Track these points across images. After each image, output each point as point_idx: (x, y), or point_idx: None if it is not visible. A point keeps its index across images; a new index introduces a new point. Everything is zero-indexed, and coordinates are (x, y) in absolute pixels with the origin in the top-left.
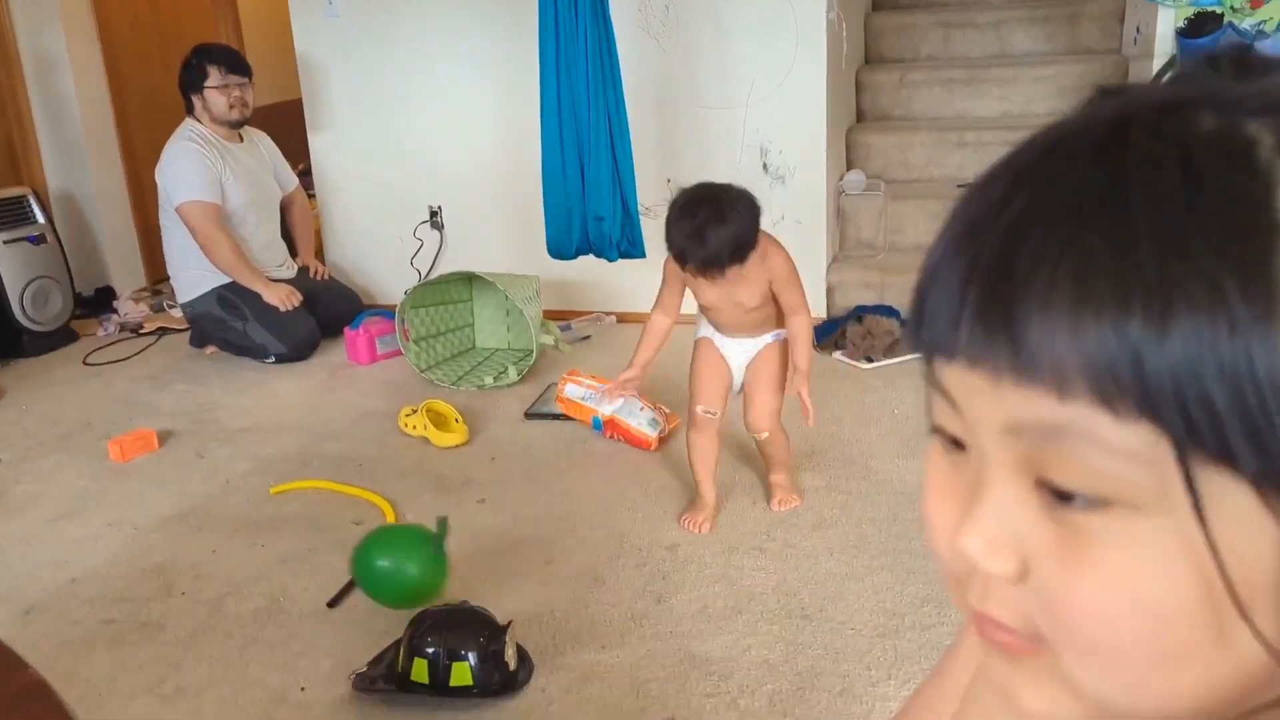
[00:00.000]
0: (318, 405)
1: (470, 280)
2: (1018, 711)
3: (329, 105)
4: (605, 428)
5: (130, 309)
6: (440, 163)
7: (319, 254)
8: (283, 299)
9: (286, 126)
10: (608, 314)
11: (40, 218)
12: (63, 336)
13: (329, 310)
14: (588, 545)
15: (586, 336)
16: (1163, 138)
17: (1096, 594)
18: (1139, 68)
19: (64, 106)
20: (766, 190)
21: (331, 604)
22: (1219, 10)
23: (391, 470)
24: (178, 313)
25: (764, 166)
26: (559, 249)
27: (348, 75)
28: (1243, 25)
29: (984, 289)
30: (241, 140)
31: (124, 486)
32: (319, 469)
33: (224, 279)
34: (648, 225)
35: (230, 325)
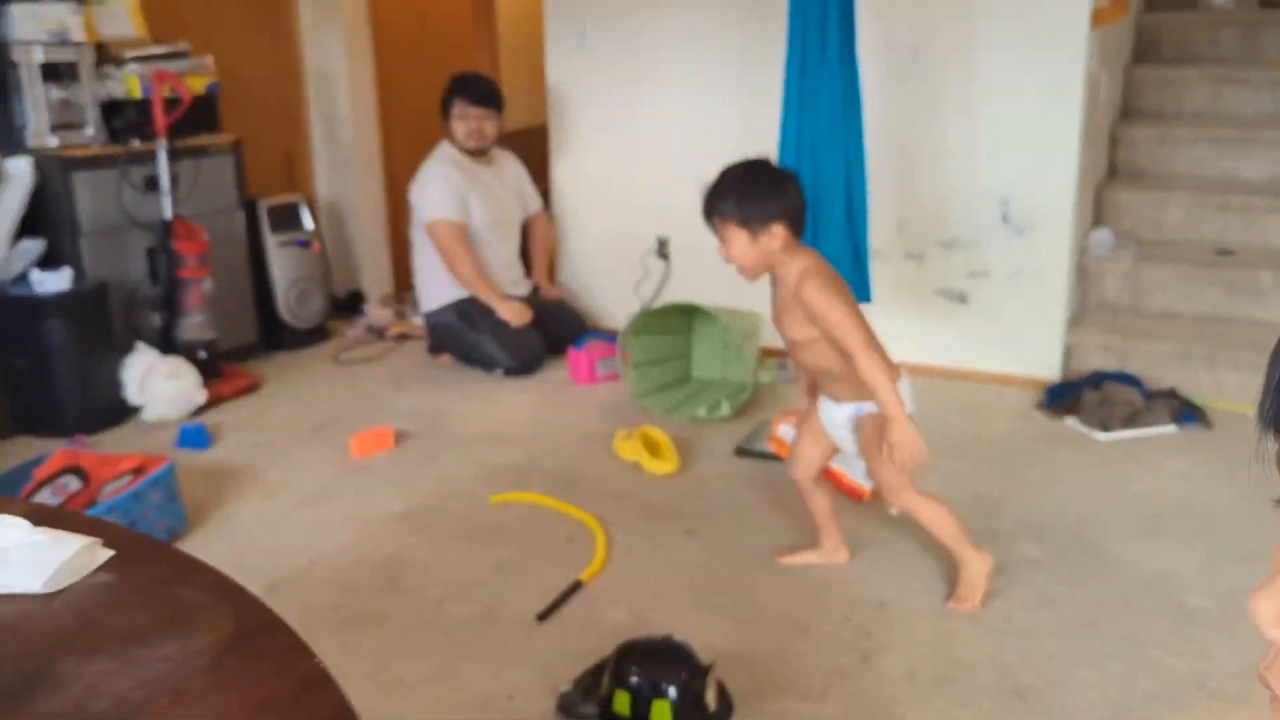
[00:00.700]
0: (539, 420)
1: (692, 312)
2: None
3: (573, 133)
4: None
5: (377, 313)
6: (672, 194)
7: (551, 275)
8: (515, 314)
9: (535, 151)
10: None
11: (309, 224)
12: (318, 334)
13: (556, 329)
14: (793, 591)
15: None
16: None
17: None
18: None
19: (338, 121)
20: (1003, 242)
21: (541, 617)
22: None
23: (603, 491)
24: (419, 320)
25: (1004, 217)
26: None
27: (592, 105)
28: None
29: None
30: (490, 163)
31: (361, 481)
32: (537, 482)
33: (464, 293)
34: (876, 269)
35: (466, 337)
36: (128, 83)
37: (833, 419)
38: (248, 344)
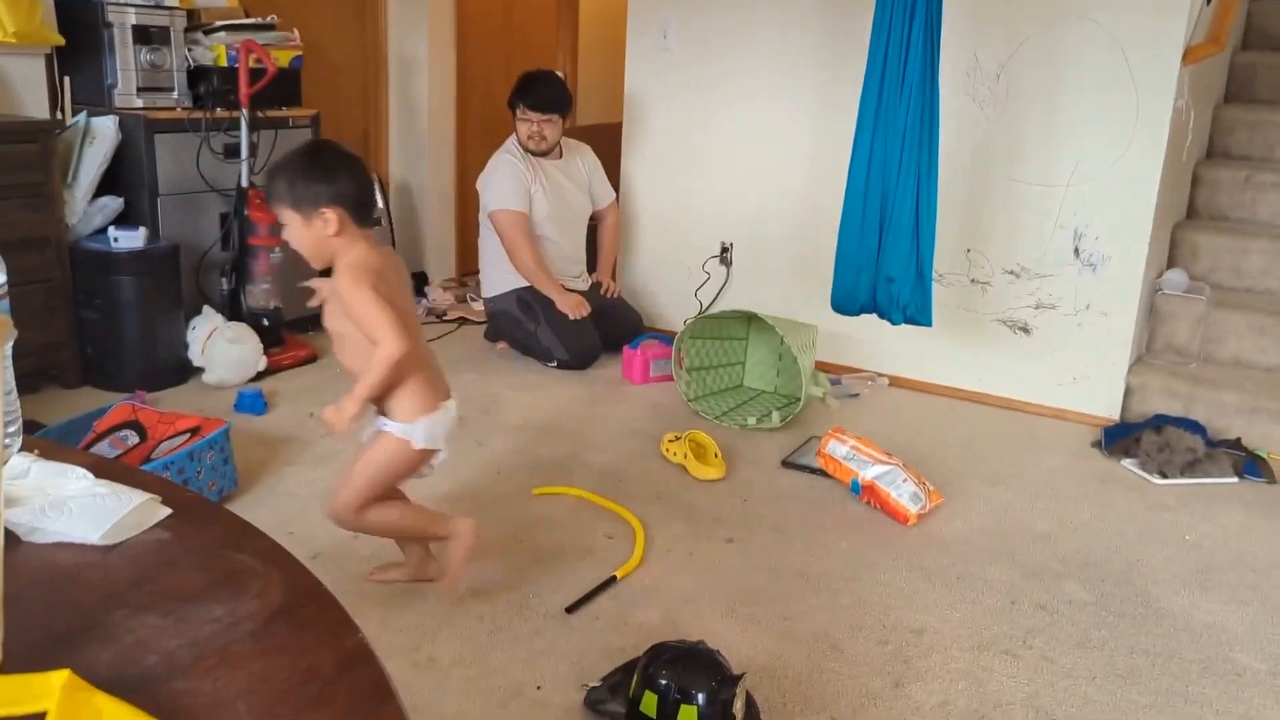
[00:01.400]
0: (589, 415)
1: (749, 320)
2: None
3: (646, 132)
4: (864, 492)
5: (438, 296)
6: (739, 201)
7: (613, 272)
8: (573, 307)
9: (608, 147)
10: (881, 375)
11: (380, 203)
12: None
13: (613, 327)
14: (830, 610)
15: (856, 395)
16: None
17: None
18: None
19: (416, 106)
20: (1073, 275)
21: (571, 609)
22: None
23: (647, 491)
24: (479, 306)
25: (1075, 251)
26: (844, 304)
27: (667, 106)
28: None
29: None
30: (560, 157)
31: None
32: (582, 477)
33: (525, 282)
34: (940, 293)
35: (524, 326)
36: (215, 50)
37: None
38: (311, 315)
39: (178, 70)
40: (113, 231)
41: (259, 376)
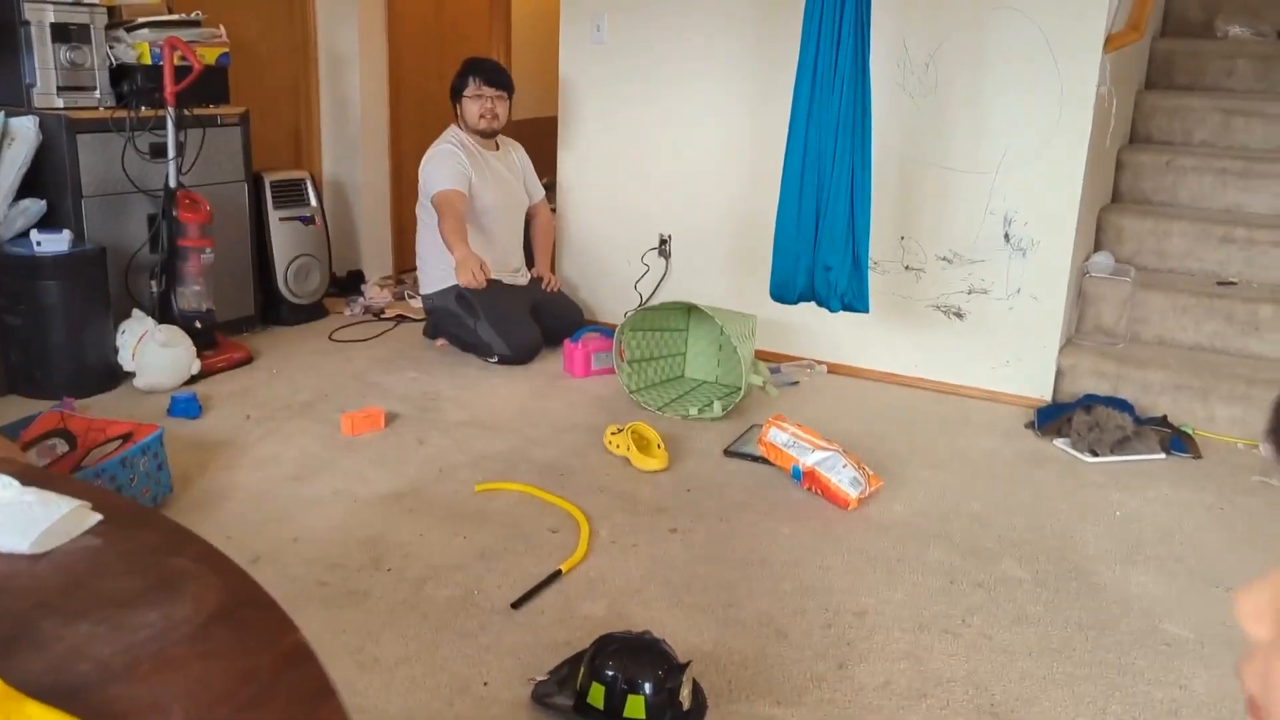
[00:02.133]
0: (531, 410)
1: (689, 311)
2: None
3: (581, 125)
4: (804, 479)
5: (375, 294)
6: (676, 193)
7: (552, 266)
8: (470, 274)
9: (542, 141)
10: (820, 362)
11: (314, 201)
12: (315, 311)
13: (553, 321)
14: (774, 595)
15: (795, 382)
16: None
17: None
18: None
19: (347, 102)
20: (1005, 261)
21: (516, 605)
22: None
23: (590, 484)
24: (417, 303)
25: (1005, 236)
26: (782, 293)
27: (602, 98)
28: None
29: None
30: (497, 149)
31: (350, 459)
32: (525, 472)
33: None
34: (875, 280)
35: (463, 322)
36: (139, 48)
37: None
38: (245, 317)
39: (99, 69)
40: (35, 235)
41: (193, 380)
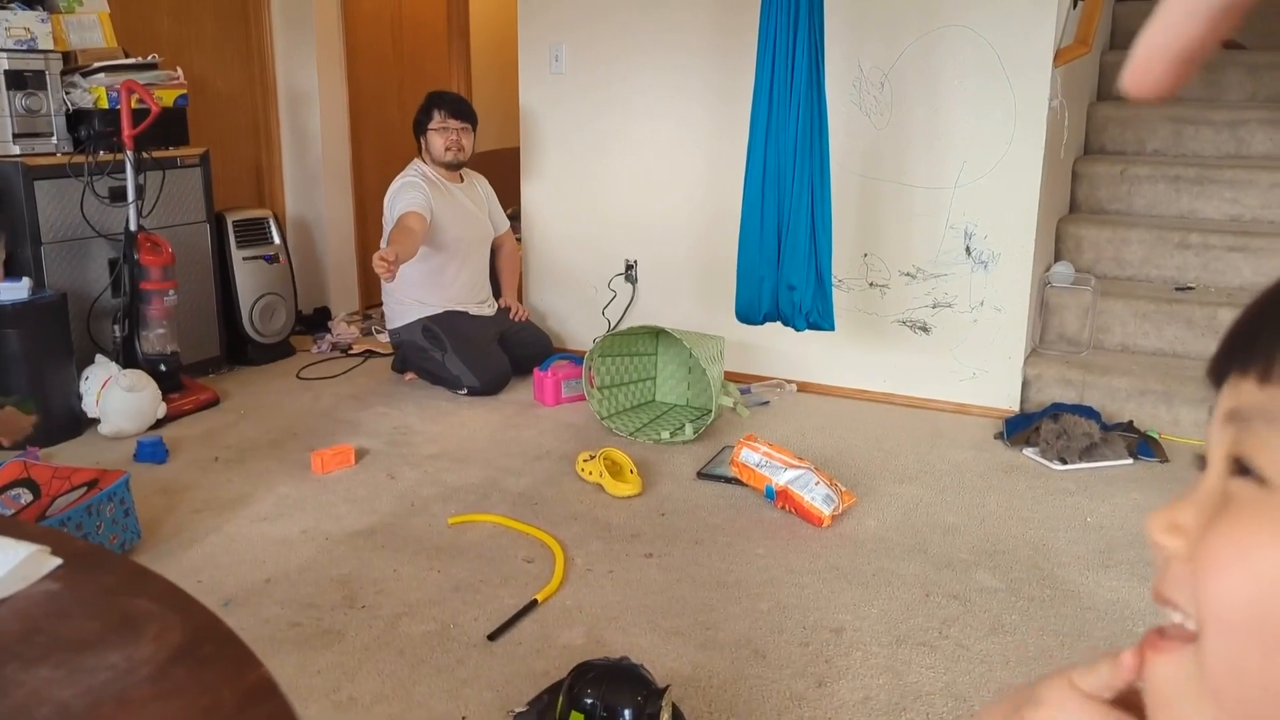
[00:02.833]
0: (502, 440)
1: (657, 335)
2: None
3: (544, 155)
4: (778, 498)
5: (343, 330)
6: (640, 219)
7: (520, 296)
8: (379, 257)
9: (505, 172)
10: (789, 382)
11: (277, 239)
12: (282, 349)
13: (522, 350)
14: (751, 616)
15: (766, 402)
16: None
17: (1222, 561)
18: None
19: (309, 138)
20: (967, 274)
21: (492, 637)
22: None
23: (564, 512)
24: (385, 338)
25: (967, 250)
26: (747, 314)
27: (564, 128)
28: None
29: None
30: (461, 181)
31: (321, 497)
32: (497, 502)
33: (431, 310)
34: (840, 298)
35: (431, 355)
36: (95, 92)
37: None
38: (211, 358)
39: (56, 114)
40: None
41: (159, 424)
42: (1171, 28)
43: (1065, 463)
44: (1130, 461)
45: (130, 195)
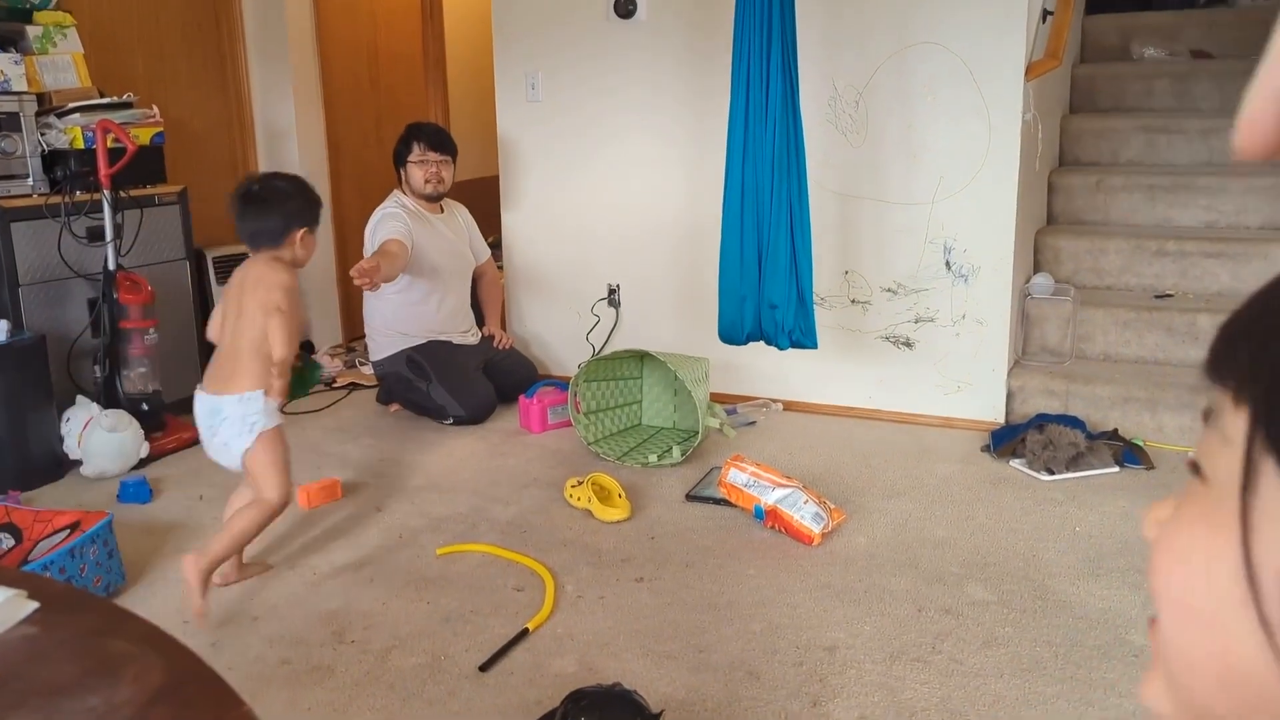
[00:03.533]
0: (489, 469)
1: (642, 358)
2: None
3: (523, 183)
4: (767, 517)
5: (326, 363)
6: (621, 243)
7: (503, 324)
8: (358, 267)
9: (484, 201)
10: (775, 401)
11: None
12: None
13: (507, 378)
14: (743, 637)
15: (752, 422)
16: None
17: (1166, 550)
18: None
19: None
20: (948, 288)
21: (483, 668)
22: None
23: (553, 539)
24: (369, 370)
25: (947, 264)
26: (730, 334)
27: (542, 156)
28: None
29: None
30: (441, 211)
31: (308, 532)
32: (486, 531)
33: (415, 341)
34: (823, 315)
35: (415, 386)
36: (71, 132)
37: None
38: (193, 395)
39: (31, 156)
40: None
41: (142, 463)
42: (1276, 89)
43: (1052, 473)
44: (1116, 469)
45: (108, 234)
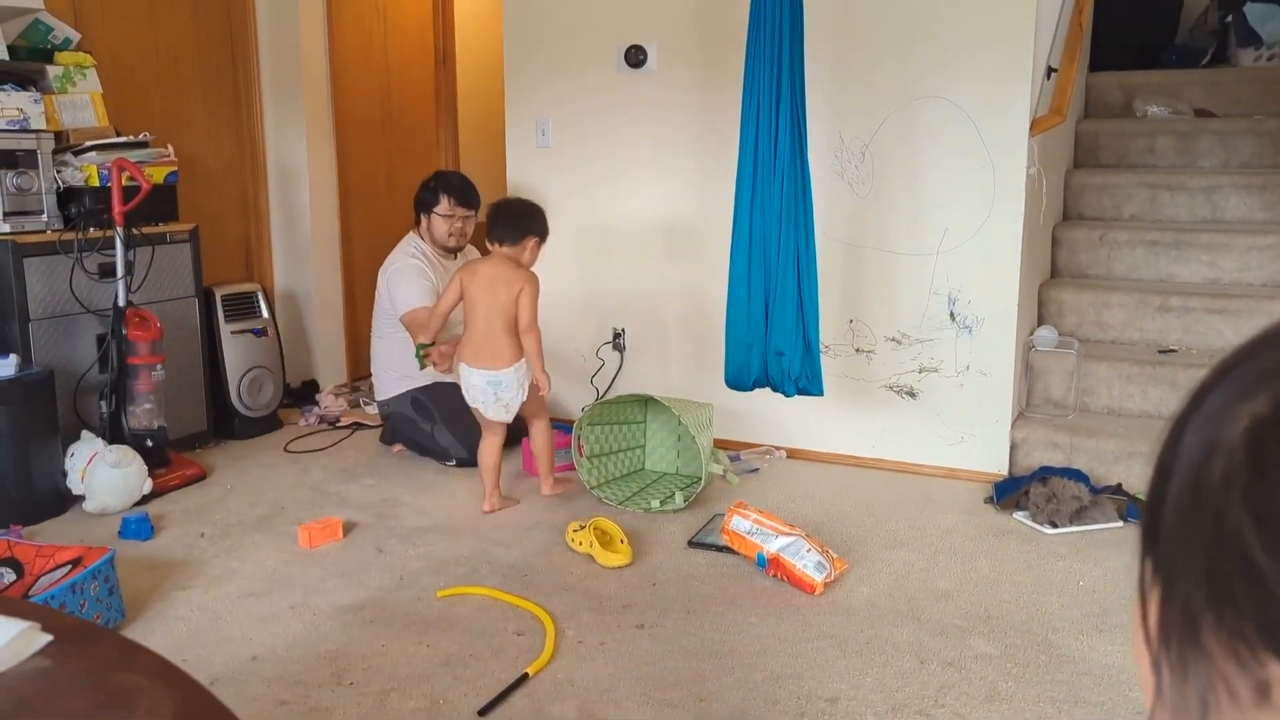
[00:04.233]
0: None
1: (646, 403)
2: None
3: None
4: (769, 565)
5: (330, 403)
6: (628, 287)
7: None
8: (441, 355)
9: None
10: (778, 448)
11: (265, 313)
12: (270, 423)
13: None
14: (745, 686)
15: (755, 469)
16: None
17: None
18: None
19: (298, 214)
20: (953, 339)
21: (482, 713)
22: None
23: (555, 584)
24: (372, 410)
25: (951, 315)
26: (737, 380)
27: (551, 200)
28: None
29: None
30: (455, 258)
31: (308, 572)
32: (487, 575)
33: (420, 382)
34: (827, 363)
35: (419, 426)
36: (87, 170)
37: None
38: (198, 433)
39: (47, 193)
40: None
41: (145, 500)
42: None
43: (1056, 526)
44: (1121, 524)
45: (119, 271)
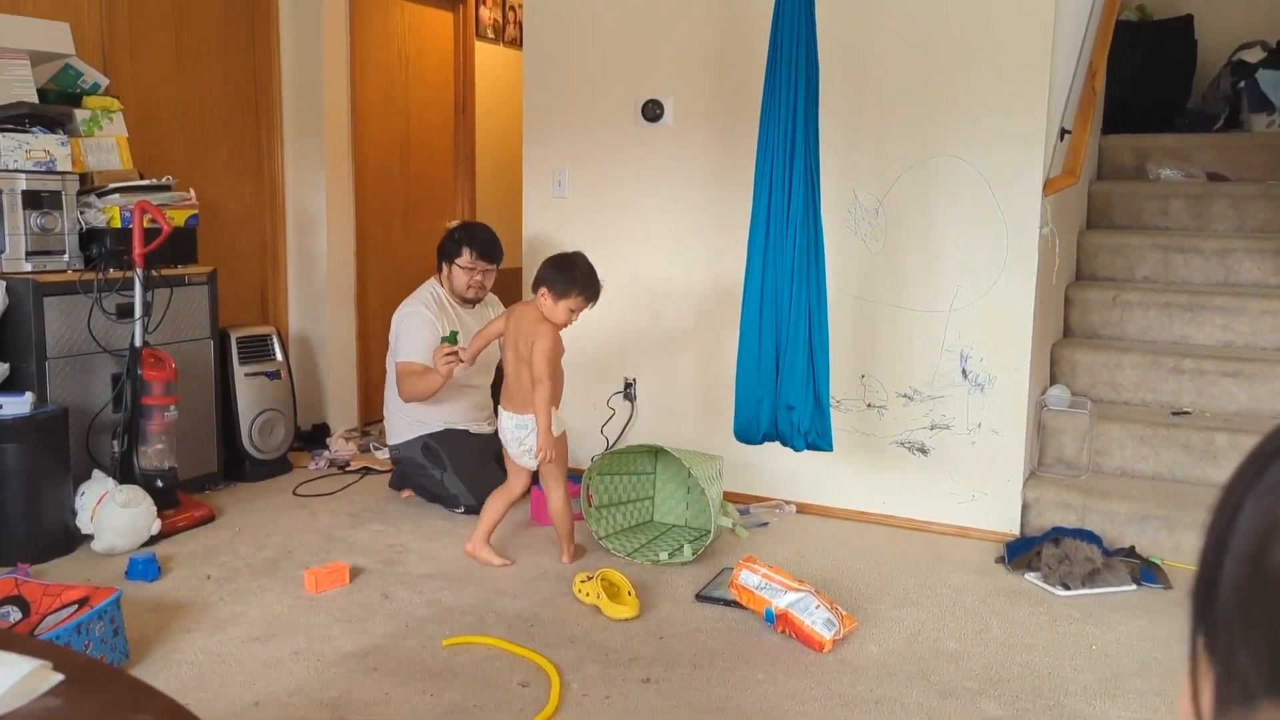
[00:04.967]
0: None
1: (656, 454)
2: None
3: None
4: (778, 621)
5: (340, 447)
6: (640, 337)
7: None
8: (443, 358)
9: (508, 293)
10: (788, 503)
11: (279, 355)
12: (280, 466)
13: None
14: None
15: (765, 524)
16: None
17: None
18: None
19: (315, 259)
20: (964, 396)
21: None
22: None
23: (561, 635)
24: (382, 454)
25: (963, 372)
26: (746, 433)
27: (566, 249)
28: None
29: None
30: (474, 308)
31: (313, 617)
32: (493, 624)
33: (432, 428)
34: (838, 418)
35: (429, 473)
36: (109, 211)
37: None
38: (208, 474)
39: (69, 233)
40: None
41: (153, 540)
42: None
43: (1068, 588)
44: (1134, 588)
45: (137, 311)
